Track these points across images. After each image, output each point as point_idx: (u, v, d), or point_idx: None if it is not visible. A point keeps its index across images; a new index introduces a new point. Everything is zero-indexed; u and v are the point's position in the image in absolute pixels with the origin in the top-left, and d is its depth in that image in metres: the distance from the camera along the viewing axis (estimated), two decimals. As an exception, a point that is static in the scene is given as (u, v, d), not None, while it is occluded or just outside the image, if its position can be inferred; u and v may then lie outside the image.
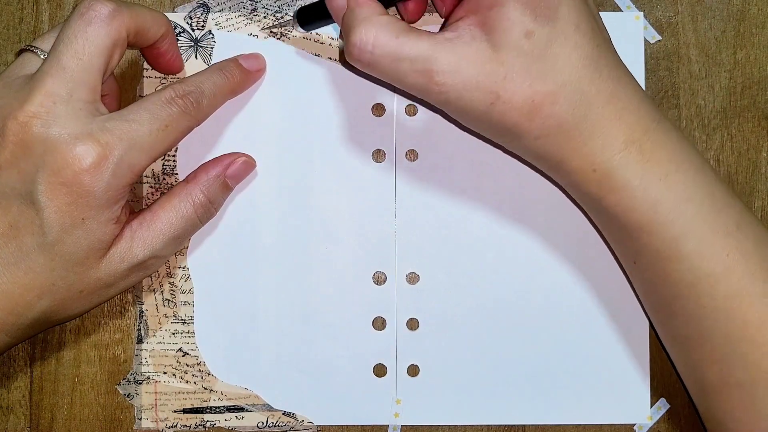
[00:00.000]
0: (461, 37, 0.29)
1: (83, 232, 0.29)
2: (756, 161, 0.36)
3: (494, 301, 0.35)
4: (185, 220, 0.32)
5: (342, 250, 0.35)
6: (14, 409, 0.36)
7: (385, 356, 0.35)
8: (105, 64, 0.30)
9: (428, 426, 0.35)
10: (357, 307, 0.35)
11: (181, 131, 0.31)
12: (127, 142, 0.29)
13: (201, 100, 0.32)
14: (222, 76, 0.33)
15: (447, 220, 0.36)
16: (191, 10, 0.36)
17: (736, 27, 0.36)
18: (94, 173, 0.28)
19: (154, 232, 0.31)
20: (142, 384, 0.35)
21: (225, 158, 0.34)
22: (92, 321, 0.36)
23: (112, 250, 0.31)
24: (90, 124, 0.29)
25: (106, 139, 0.29)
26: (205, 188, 0.33)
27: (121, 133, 0.29)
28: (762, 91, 0.36)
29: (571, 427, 0.35)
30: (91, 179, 0.28)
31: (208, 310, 0.35)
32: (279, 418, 0.35)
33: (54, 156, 0.28)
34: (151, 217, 0.31)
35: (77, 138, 0.28)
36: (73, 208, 0.28)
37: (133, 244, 0.31)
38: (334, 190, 0.36)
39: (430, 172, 0.36)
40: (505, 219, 0.35)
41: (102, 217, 0.29)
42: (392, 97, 0.36)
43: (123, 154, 0.29)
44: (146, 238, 0.31)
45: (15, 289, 0.29)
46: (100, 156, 0.28)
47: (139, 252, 0.31)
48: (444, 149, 0.36)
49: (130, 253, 0.31)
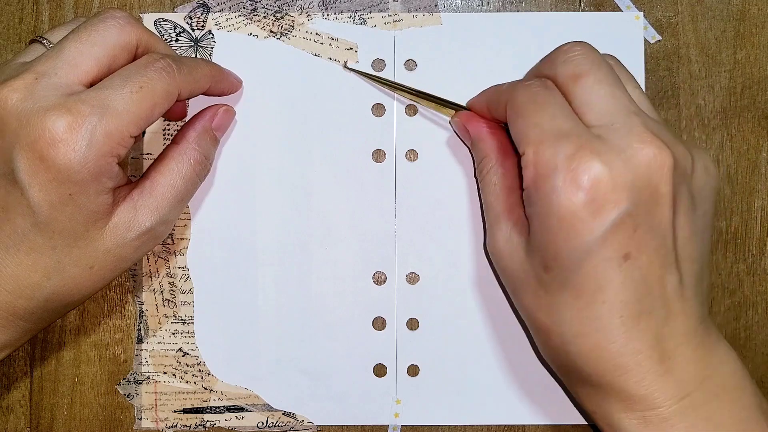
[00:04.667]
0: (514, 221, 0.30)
1: (74, 207, 0.28)
2: (756, 161, 0.36)
3: (494, 301, 0.35)
4: (186, 180, 0.31)
5: (342, 250, 0.35)
6: (14, 409, 0.36)
7: (385, 356, 0.35)
8: (104, 57, 0.29)
9: (428, 426, 0.35)
10: (357, 307, 0.35)
11: (158, 93, 0.29)
12: (99, 108, 0.28)
13: (179, 65, 0.30)
14: (204, 60, 0.33)
15: (447, 220, 0.36)
16: (191, 10, 0.36)
17: (736, 27, 0.36)
18: (67, 144, 0.27)
19: (157, 197, 0.31)
20: (142, 384, 0.35)
21: (207, 112, 0.33)
22: (92, 321, 0.36)
23: (115, 221, 0.30)
24: (65, 98, 0.28)
25: (77, 108, 0.27)
26: (197, 145, 0.32)
27: (93, 100, 0.28)
28: (762, 91, 0.36)
29: (570, 427, 0.35)
30: (66, 150, 0.27)
31: (208, 310, 0.35)
32: (279, 418, 0.35)
33: (27, 130, 0.27)
34: (151, 184, 0.31)
35: (48, 110, 0.27)
36: (56, 184, 0.27)
37: (137, 213, 0.30)
38: (334, 190, 0.36)
39: (430, 172, 0.36)
40: (505, 219, 0.35)
41: (89, 190, 0.28)
42: (392, 97, 0.36)
43: (96, 121, 0.27)
44: (150, 204, 0.30)
45: (20, 271, 0.29)
46: (71, 125, 0.27)
47: (146, 219, 0.30)
48: (444, 149, 0.36)
49: (136, 221, 0.30)
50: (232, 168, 0.36)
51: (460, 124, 0.34)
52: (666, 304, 0.28)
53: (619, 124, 0.27)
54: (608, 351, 0.28)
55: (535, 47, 0.36)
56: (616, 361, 0.28)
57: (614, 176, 0.26)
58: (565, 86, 0.29)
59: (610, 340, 0.28)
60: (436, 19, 0.36)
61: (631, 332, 0.27)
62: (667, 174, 0.27)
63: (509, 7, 0.36)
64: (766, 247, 0.36)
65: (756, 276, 0.36)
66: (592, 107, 0.28)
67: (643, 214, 0.27)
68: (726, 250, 0.36)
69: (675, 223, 0.28)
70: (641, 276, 0.27)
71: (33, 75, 0.28)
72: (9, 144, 0.27)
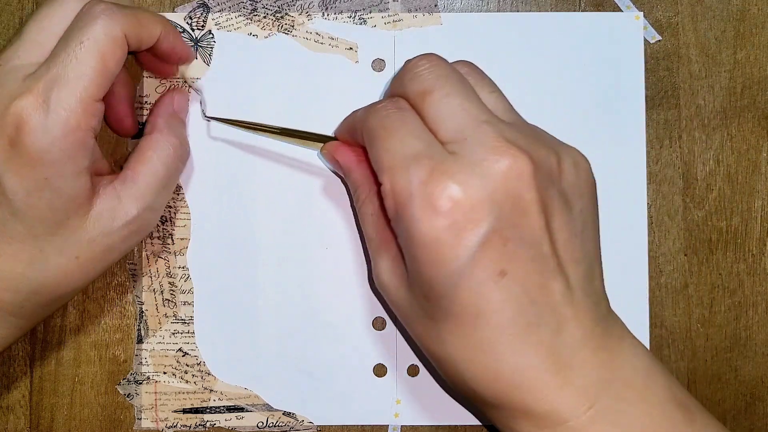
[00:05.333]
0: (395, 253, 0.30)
1: (52, 192, 0.28)
2: (756, 161, 0.36)
3: (494, 301, 0.35)
4: (167, 166, 0.31)
5: (342, 249, 0.35)
6: (14, 409, 0.36)
7: (385, 356, 0.35)
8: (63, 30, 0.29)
9: (428, 426, 0.35)
10: (357, 307, 0.35)
11: (101, 41, 0.27)
12: (51, 80, 0.27)
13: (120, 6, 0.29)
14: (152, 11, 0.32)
15: (447, 220, 0.35)
16: (191, 10, 0.36)
17: (736, 27, 0.36)
18: (33, 125, 0.27)
19: (140, 185, 0.30)
20: (142, 384, 0.35)
21: (164, 99, 0.33)
22: (92, 321, 0.36)
23: (98, 209, 0.29)
24: (25, 79, 0.27)
25: (35, 86, 0.27)
26: (169, 130, 0.32)
27: (44, 73, 0.27)
28: (762, 91, 0.36)
29: (571, 427, 0.35)
30: (33, 131, 0.27)
31: (208, 310, 0.35)
32: (279, 418, 0.35)
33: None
34: (132, 174, 0.30)
35: (10, 94, 0.27)
36: (29, 169, 0.27)
37: (121, 202, 0.29)
38: (334, 190, 0.36)
39: (430, 172, 0.36)
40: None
41: (65, 170, 0.27)
42: (392, 97, 0.36)
43: (55, 94, 0.27)
44: (134, 192, 0.30)
45: (3, 262, 0.28)
46: (32, 105, 0.27)
47: (131, 207, 0.30)
48: (444, 149, 0.36)
49: (121, 210, 0.30)
50: (232, 168, 0.36)
51: (329, 155, 0.33)
52: (555, 313, 0.26)
53: (470, 137, 0.26)
54: (501, 372, 0.27)
55: (535, 47, 0.36)
56: (511, 381, 0.26)
57: (471, 195, 0.25)
58: (416, 104, 0.28)
59: (501, 360, 0.26)
60: (436, 19, 0.36)
61: (521, 349, 0.26)
62: (527, 181, 0.25)
63: (509, 7, 0.36)
64: (766, 247, 0.36)
65: (756, 276, 0.36)
66: (442, 123, 0.27)
67: (510, 227, 0.25)
68: (726, 250, 0.36)
69: (550, 227, 0.26)
70: (522, 290, 0.26)
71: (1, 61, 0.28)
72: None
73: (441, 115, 0.27)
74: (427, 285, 0.27)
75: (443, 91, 0.27)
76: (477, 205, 0.25)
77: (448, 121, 0.27)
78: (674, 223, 0.36)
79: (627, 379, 0.27)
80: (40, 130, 0.27)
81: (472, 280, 0.26)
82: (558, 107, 0.36)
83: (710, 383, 0.35)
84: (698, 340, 0.35)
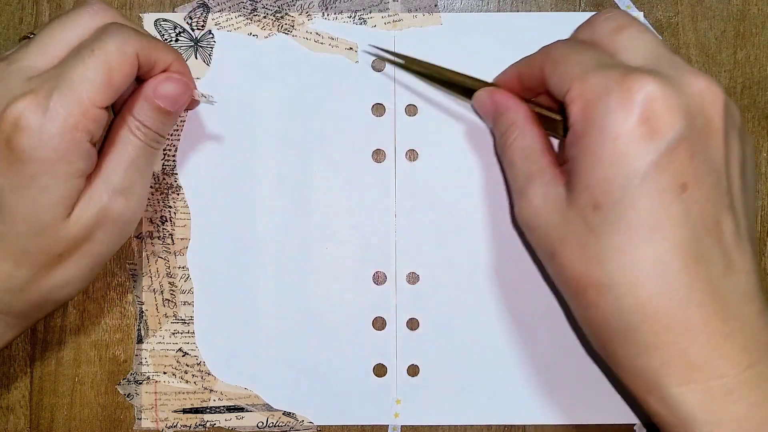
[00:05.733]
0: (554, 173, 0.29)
1: (38, 191, 0.27)
2: (756, 161, 0.36)
3: (494, 301, 0.35)
4: (133, 147, 0.30)
5: (342, 250, 0.35)
6: (14, 409, 0.36)
7: (385, 356, 0.35)
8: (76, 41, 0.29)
9: (428, 426, 0.35)
10: (357, 307, 0.35)
11: (112, 54, 0.28)
12: (54, 80, 0.27)
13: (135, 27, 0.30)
14: None
15: (447, 220, 0.36)
16: (191, 10, 0.36)
17: (736, 27, 0.36)
18: (28, 122, 0.26)
19: (109, 169, 0.29)
20: (142, 384, 0.35)
21: (150, 81, 0.30)
22: (92, 321, 0.36)
23: (78, 204, 0.29)
24: (28, 80, 0.27)
25: (38, 87, 0.27)
26: (137, 113, 0.30)
27: (49, 75, 0.27)
28: (762, 91, 0.36)
29: (571, 427, 0.35)
30: (28, 129, 0.26)
31: (208, 310, 0.35)
32: (279, 418, 0.35)
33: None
34: (102, 159, 0.30)
35: (11, 92, 0.27)
36: (18, 166, 0.27)
37: (93, 190, 0.29)
38: (334, 190, 0.36)
39: (430, 172, 0.36)
40: (505, 219, 0.35)
41: (57, 170, 0.27)
42: (392, 97, 0.36)
43: (56, 96, 0.27)
44: (104, 178, 0.29)
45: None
46: (30, 103, 0.27)
47: (103, 193, 0.29)
48: (444, 149, 0.36)
49: (93, 198, 0.29)
50: (232, 168, 0.36)
51: (486, 97, 0.33)
52: (724, 254, 0.25)
53: (666, 62, 0.27)
54: (669, 302, 0.25)
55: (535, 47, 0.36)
56: (678, 315, 0.25)
57: (667, 96, 0.25)
58: (608, 38, 0.29)
59: (672, 288, 0.25)
60: (436, 19, 0.36)
61: (693, 280, 0.25)
62: (719, 108, 0.26)
63: (509, 7, 0.36)
64: (766, 247, 0.36)
65: (756, 276, 0.36)
66: (637, 51, 0.27)
67: (698, 142, 0.25)
68: (726, 250, 0.36)
69: (728, 161, 0.26)
70: (700, 213, 0.25)
71: (5, 63, 0.28)
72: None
73: (636, 45, 0.28)
74: (604, 189, 0.25)
75: (639, 27, 0.28)
76: (673, 107, 0.25)
77: (643, 49, 0.27)
78: (674, 223, 0.36)
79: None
80: (35, 128, 0.27)
81: (656, 185, 0.25)
82: (558, 107, 0.36)
83: (710, 383, 0.35)
84: (698, 340, 0.35)
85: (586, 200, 0.26)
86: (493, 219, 0.35)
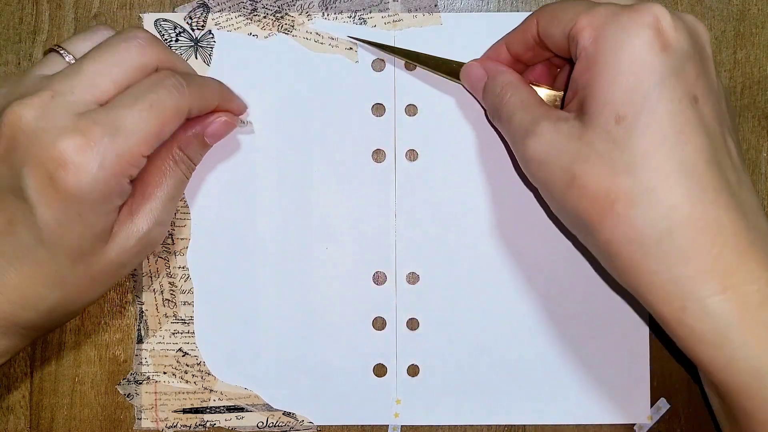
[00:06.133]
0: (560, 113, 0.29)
1: (82, 226, 0.28)
2: (756, 161, 0.36)
3: (494, 301, 0.35)
4: (175, 180, 0.31)
5: (342, 250, 0.35)
6: (14, 409, 0.36)
7: (385, 356, 0.35)
8: (123, 78, 0.29)
9: (428, 426, 0.35)
10: (357, 307, 0.35)
11: (168, 111, 0.29)
12: (111, 128, 0.28)
13: (189, 82, 0.30)
14: (213, 78, 0.33)
15: (447, 220, 0.36)
16: (191, 10, 0.36)
17: (736, 27, 0.36)
18: (78, 166, 0.27)
19: (150, 201, 0.31)
20: (142, 384, 0.35)
21: (206, 118, 0.32)
22: (92, 321, 0.36)
23: (116, 232, 0.30)
24: (78, 118, 0.28)
25: (88, 129, 0.27)
26: (184, 147, 0.32)
27: (105, 120, 0.28)
28: (762, 91, 0.36)
29: (571, 427, 0.35)
30: (76, 172, 0.27)
31: (208, 310, 0.35)
32: (279, 418, 0.35)
33: (39, 149, 0.27)
34: (143, 188, 0.31)
35: (62, 131, 0.27)
36: (65, 204, 0.27)
37: (135, 219, 0.30)
38: (334, 190, 0.36)
39: (430, 172, 0.36)
40: (505, 219, 0.35)
41: (100, 210, 0.28)
42: (392, 97, 0.36)
43: (107, 142, 0.27)
44: (145, 209, 0.30)
45: (24, 283, 0.29)
46: (82, 147, 0.27)
47: (143, 224, 0.30)
48: (444, 149, 0.36)
49: (135, 228, 0.30)
50: (232, 168, 0.36)
51: (475, 66, 0.34)
52: (735, 167, 0.26)
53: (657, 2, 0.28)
54: (701, 204, 0.25)
55: (535, 47, 0.36)
56: (710, 217, 0.25)
57: (673, 19, 0.27)
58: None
59: (702, 190, 0.25)
60: (436, 19, 0.36)
61: (717, 184, 0.25)
62: (708, 39, 0.28)
63: (509, 7, 0.36)
64: (766, 247, 0.36)
65: (756, 276, 0.36)
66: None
67: (700, 63, 0.27)
68: (726, 250, 0.36)
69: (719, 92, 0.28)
70: (710, 124, 0.26)
71: (50, 93, 0.28)
72: (20, 161, 0.27)
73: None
74: (626, 99, 0.26)
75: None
76: (678, 27, 0.27)
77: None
78: (674, 223, 0.36)
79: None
80: (84, 173, 0.27)
81: (674, 92, 0.26)
82: (558, 107, 0.36)
83: (710, 383, 0.35)
84: (698, 340, 0.35)
85: (608, 116, 0.26)
86: (493, 219, 0.35)
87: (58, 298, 0.29)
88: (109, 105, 0.28)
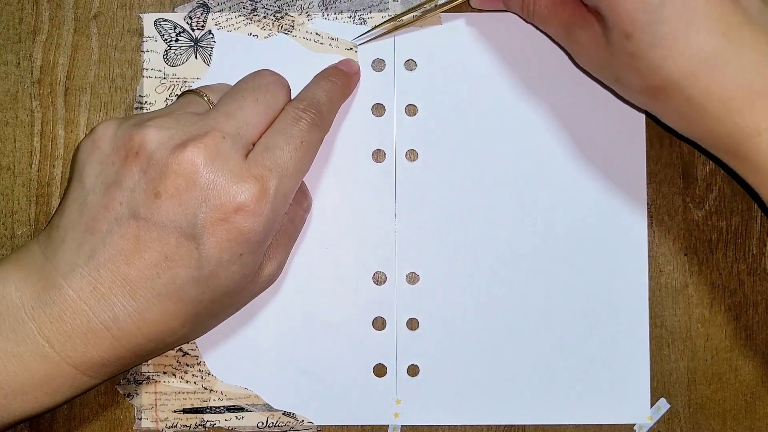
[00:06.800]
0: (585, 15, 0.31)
1: (239, 267, 0.29)
2: (756, 161, 0.36)
3: (494, 301, 0.35)
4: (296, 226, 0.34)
5: (342, 250, 0.35)
6: (14, 409, 0.35)
7: (385, 356, 0.35)
8: (273, 118, 0.31)
9: (428, 426, 0.35)
10: (357, 307, 0.35)
11: (315, 144, 0.32)
12: (278, 171, 0.29)
13: (321, 108, 0.32)
14: (329, 82, 0.34)
15: (447, 220, 0.36)
16: (191, 10, 0.36)
17: (736, 27, 0.36)
18: (254, 212, 0.28)
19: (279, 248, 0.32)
20: (142, 384, 0.35)
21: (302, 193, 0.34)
22: (92, 321, 0.36)
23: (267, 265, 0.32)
24: (247, 163, 0.29)
25: (261, 174, 0.29)
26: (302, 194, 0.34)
27: (271, 164, 0.29)
28: None
29: (571, 427, 0.35)
30: (253, 217, 0.28)
31: (208, 310, 0.35)
32: (279, 418, 0.35)
33: (217, 192, 0.28)
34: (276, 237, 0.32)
35: (238, 175, 0.28)
36: (233, 245, 0.28)
37: (268, 264, 0.32)
38: (334, 190, 0.36)
39: (430, 172, 0.36)
40: (505, 219, 0.35)
41: (259, 250, 0.30)
42: (392, 97, 0.36)
43: (277, 185, 0.29)
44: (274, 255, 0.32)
45: (162, 319, 0.29)
46: (259, 194, 0.28)
47: (273, 269, 0.32)
48: (444, 149, 0.36)
49: (266, 272, 0.32)
50: (232, 168, 0.36)
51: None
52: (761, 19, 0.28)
53: None
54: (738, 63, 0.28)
55: (535, 47, 0.36)
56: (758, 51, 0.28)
57: None
58: None
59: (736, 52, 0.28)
60: (436, 19, 0.36)
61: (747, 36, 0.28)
62: None
63: (509, 7, 0.36)
64: (766, 247, 0.36)
65: (756, 276, 0.36)
66: None
67: None
68: (726, 250, 0.36)
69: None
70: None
71: (220, 134, 0.29)
72: (195, 201, 0.28)
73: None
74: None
75: None
76: None
77: None
78: (674, 222, 0.36)
79: None
80: (259, 217, 0.29)
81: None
82: (557, 106, 0.36)
83: (710, 383, 0.35)
84: (698, 340, 0.35)
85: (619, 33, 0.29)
86: (493, 219, 0.35)
87: (185, 333, 0.30)
88: (266, 145, 0.30)
